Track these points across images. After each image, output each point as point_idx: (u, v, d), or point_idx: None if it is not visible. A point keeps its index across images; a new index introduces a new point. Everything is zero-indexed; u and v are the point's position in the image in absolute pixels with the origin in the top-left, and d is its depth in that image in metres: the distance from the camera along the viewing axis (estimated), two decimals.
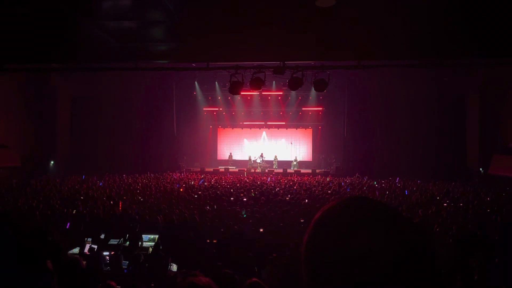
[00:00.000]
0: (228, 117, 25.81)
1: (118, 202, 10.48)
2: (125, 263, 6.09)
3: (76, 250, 6.69)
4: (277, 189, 13.68)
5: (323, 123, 25.21)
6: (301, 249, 0.79)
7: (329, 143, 24.34)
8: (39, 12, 6.82)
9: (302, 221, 8.46)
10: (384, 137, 21.01)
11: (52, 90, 20.68)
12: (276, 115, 25.42)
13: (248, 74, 10.68)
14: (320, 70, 10.62)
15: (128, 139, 22.30)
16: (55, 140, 21.21)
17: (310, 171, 22.46)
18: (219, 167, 23.81)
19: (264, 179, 18.01)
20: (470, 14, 6.43)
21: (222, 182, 16.43)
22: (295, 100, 24.57)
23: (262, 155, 23.77)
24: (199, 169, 23.09)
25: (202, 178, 17.98)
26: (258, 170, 22.75)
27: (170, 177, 18.54)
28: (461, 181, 16.56)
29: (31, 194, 11.93)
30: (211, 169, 23.46)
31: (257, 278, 3.05)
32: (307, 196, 12.08)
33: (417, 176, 18.14)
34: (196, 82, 23.88)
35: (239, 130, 26.22)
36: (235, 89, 10.71)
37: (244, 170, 22.75)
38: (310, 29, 7.50)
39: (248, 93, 22.89)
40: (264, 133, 26.23)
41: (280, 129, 25.96)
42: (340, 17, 6.79)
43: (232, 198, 11.65)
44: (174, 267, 5.86)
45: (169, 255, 6.01)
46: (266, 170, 22.72)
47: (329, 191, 13.07)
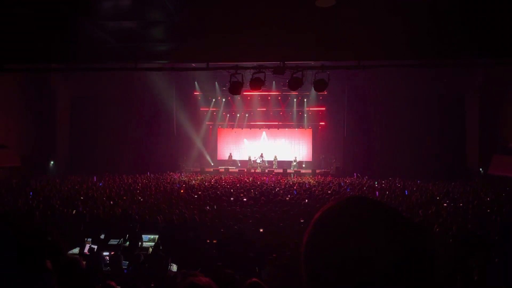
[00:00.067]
0: (228, 117, 25.80)
1: (118, 202, 10.48)
2: (125, 263, 6.09)
3: (76, 250, 6.69)
4: (277, 189, 13.67)
5: (323, 123, 25.21)
6: (301, 250, 0.79)
7: (329, 143, 24.34)
8: (39, 12, 6.82)
9: (302, 221, 8.47)
10: (384, 137, 21.01)
11: (52, 90, 20.68)
12: (276, 115, 25.41)
13: (248, 74, 10.68)
14: (320, 70, 10.62)
15: (128, 139, 22.31)
16: (55, 140, 21.21)
17: (310, 171, 22.47)
18: (219, 167, 23.81)
19: (264, 179, 18.01)
20: (470, 14, 6.43)
21: (222, 182, 16.43)
22: (295, 100, 24.57)
23: (262, 155, 23.77)
24: (199, 169, 23.10)
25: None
26: (258, 170, 22.74)
27: (170, 177, 18.53)
28: (461, 181, 16.56)
29: (31, 194, 11.92)
30: (211, 169, 23.48)
31: (257, 278, 3.05)
32: (307, 196, 12.08)
33: (417, 176, 18.14)
34: (196, 82, 23.88)
35: (239, 130, 26.21)
36: (235, 89, 10.70)
37: (244, 171, 22.74)
38: (310, 29, 7.49)
39: (248, 93, 22.90)
40: (264, 133, 26.22)
41: (280, 129, 25.95)
42: (340, 17, 6.78)
43: (232, 198, 11.66)
44: (174, 267, 5.86)
45: (169, 255, 6.01)
46: (266, 170, 22.72)
47: (329, 191, 13.07)
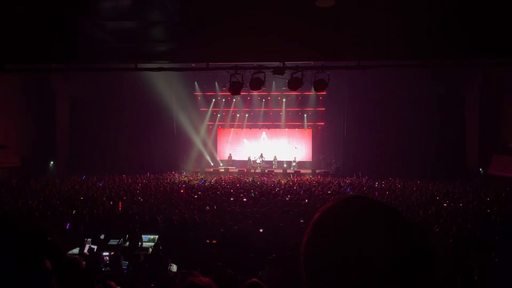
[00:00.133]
0: (228, 117, 25.80)
1: (118, 203, 10.47)
2: (125, 264, 6.09)
3: (76, 251, 6.69)
4: (277, 189, 13.67)
5: (323, 123, 25.20)
6: (301, 250, 0.79)
7: (329, 144, 24.35)
8: (39, 12, 6.82)
9: (302, 221, 8.47)
10: (384, 137, 21.01)
11: (52, 91, 20.67)
12: (276, 115, 25.41)
13: (248, 75, 10.68)
14: (320, 70, 10.62)
15: (128, 139, 22.32)
16: (55, 140, 21.20)
17: (310, 172, 22.47)
18: (219, 168, 23.82)
19: (263, 180, 18.02)
20: (470, 14, 6.43)
21: (222, 183, 16.44)
22: (295, 100, 24.57)
23: (262, 155, 23.76)
24: (199, 169, 23.11)
25: (203, 179, 17.99)
26: (258, 170, 22.74)
27: (170, 177, 18.54)
28: (461, 181, 16.57)
29: (31, 194, 11.92)
30: (211, 169, 23.48)
31: (257, 278, 3.04)
32: (307, 196, 12.08)
33: (417, 177, 18.15)
34: (196, 82, 23.89)
35: (239, 130, 26.21)
36: (235, 89, 10.70)
37: (244, 171, 22.73)
38: (310, 29, 7.49)
39: (248, 93, 22.90)
40: (264, 133, 26.22)
41: (280, 129, 25.95)
42: (340, 17, 6.78)
43: (232, 199, 11.65)
44: (174, 267, 5.86)
45: (169, 256, 6.01)
46: (266, 171, 22.72)
47: (329, 191, 13.07)
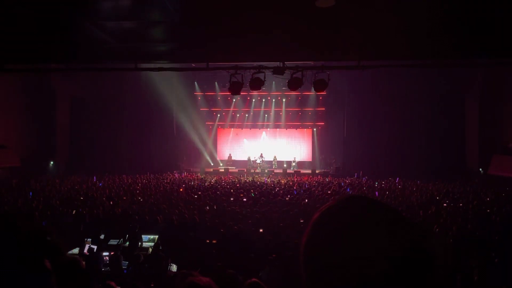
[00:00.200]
0: (228, 117, 25.79)
1: (118, 203, 10.47)
2: (125, 264, 6.09)
3: (76, 251, 6.69)
4: (277, 189, 13.67)
5: (323, 124, 25.19)
6: (300, 250, 0.79)
7: (329, 144, 24.34)
8: (39, 12, 6.82)
9: (302, 221, 8.46)
10: (384, 138, 21.01)
11: (52, 91, 20.66)
12: (276, 115, 25.40)
13: (248, 75, 10.67)
14: (320, 70, 10.62)
15: (128, 139, 22.31)
16: (55, 141, 21.19)
17: (310, 172, 22.47)
18: (219, 168, 23.81)
19: (263, 180, 18.03)
20: (470, 14, 6.43)
21: (222, 183, 16.43)
22: (295, 101, 24.56)
23: (262, 156, 23.76)
24: (199, 169, 23.10)
25: (203, 179, 17.99)
26: (258, 171, 22.73)
27: (170, 178, 18.53)
28: (461, 181, 16.56)
29: (31, 194, 11.91)
30: (211, 169, 23.47)
31: (257, 279, 3.04)
32: (307, 196, 12.07)
33: (417, 177, 18.14)
34: (196, 82, 23.88)
35: (239, 130, 26.20)
36: (235, 89, 10.70)
37: (244, 171, 22.72)
38: (310, 29, 7.49)
39: (248, 93, 22.89)
40: (264, 133, 26.21)
41: (280, 130, 25.94)
42: (340, 17, 6.78)
43: (232, 199, 11.65)
44: (174, 268, 5.85)
45: (169, 256, 6.00)
46: (266, 170, 22.71)
47: (329, 192, 13.07)
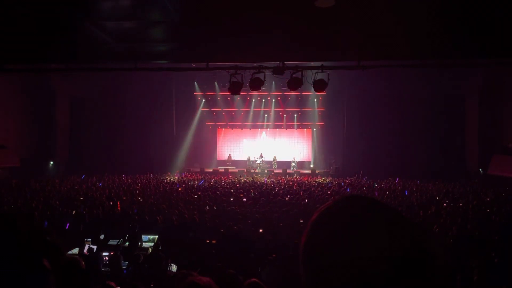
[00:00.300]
0: (228, 118, 25.79)
1: (117, 204, 10.45)
2: (125, 264, 6.08)
3: (76, 251, 6.68)
4: (277, 189, 13.66)
5: (323, 124, 25.19)
6: (300, 250, 0.78)
7: (329, 144, 24.32)
8: (39, 12, 6.82)
9: (302, 221, 8.46)
10: (384, 138, 21.00)
11: (52, 91, 20.66)
12: (276, 116, 25.40)
13: (248, 75, 10.67)
14: (320, 70, 10.62)
15: (128, 140, 22.30)
16: (55, 141, 21.19)
17: (310, 172, 22.46)
18: (219, 168, 23.81)
19: (263, 180, 18.03)
20: (470, 14, 6.43)
21: (222, 183, 16.43)
22: (295, 101, 24.55)
23: (262, 156, 23.75)
24: (199, 170, 23.10)
25: (202, 179, 17.99)
26: (258, 171, 22.72)
27: (170, 178, 18.54)
28: (461, 181, 16.56)
29: (31, 195, 11.91)
30: (211, 170, 23.47)
31: (257, 279, 3.04)
32: (307, 196, 12.07)
33: (417, 177, 18.14)
34: (196, 82, 23.87)
35: (239, 131, 26.20)
36: (235, 90, 10.70)
37: (244, 171, 22.71)
38: (310, 29, 7.50)
39: (248, 93, 22.88)
40: (264, 134, 26.21)
41: (280, 130, 25.94)
42: (340, 17, 6.79)
43: (232, 199, 11.65)
44: (174, 268, 5.85)
45: (169, 256, 6.00)
46: (266, 171, 22.71)
47: (329, 192, 13.07)
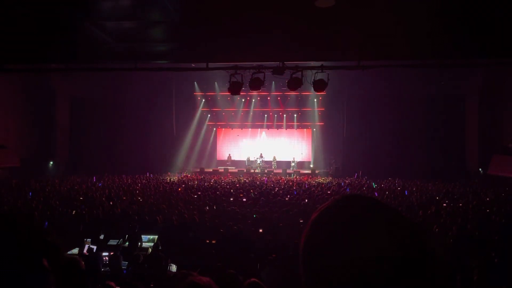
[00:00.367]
0: (228, 118, 25.77)
1: (117, 203, 10.46)
2: (125, 264, 6.08)
3: (76, 251, 6.68)
4: (276, 189, 13.66)
5: (323, 124, 25.17)
6: (299, 250, 0.78)
7: (329, 144, 24.31)
8: (39, 12, 6.82)
9: (302, 221, 8.45)
10: (384, 138, 21.00)
11: (52, 91, 20.66)
12: (276, 116, 25.39)
13: (248, 75, 10.67)
14: (320, 70, 10.61)
15: (128, 140, 22.30)
16: (55, 141, 21.19)
17: (310, 172, 22.45)
18: (219, 168, 23.80)
19: (263, 180, 18.02)
20: (470, 14, 6.43)
21: (222, 183, 16.42)
22: (295, 101, 24.54)
23: (262, 156, 23.74)
24: (199, 170, 23.11)
25: (202, 179, 17.98)
26: (258, 171, 22.72)
27: (170, 178, 18.53)
28: (461, 182, 16.56)
29: (31, 195, 11.90)
30: (211, 170, 23.46)
31: (257, 279, 3.04)
32: (307, 196, 12.07)
33: (417, 177, 18.14)
34: (196, 83, 23.86)
35: (239, 131, 26.19)
36: (235, 90, 10.69)
37: (244, 171, 22.69)
38: (310, 29, 7.49)
39: (247, 93, 22.87)
40: (264, 134, 26.20)
41: (280, 130, 25.93)
42: (340, 17, 6.79)
43: (232, 199, 11.64)
44: (174, 268, 5.85)
45: (169, 256, 6.00)
46: (266, 171, 22.70)
47: (329, 192, 13.07)
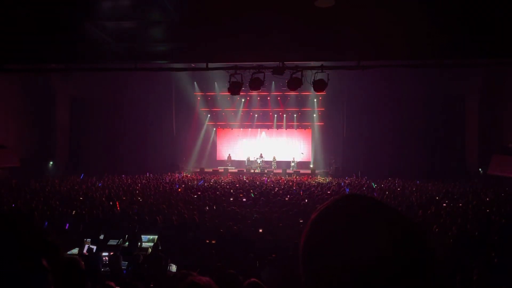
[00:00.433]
0: (228, 118, 25.76)
1: (117, 203, 10.45)
2: (124, 264, 6.08)
3: (75, 251, 6.68)
4: (276, 190, 13.66)
5: (323, 124, 25.17)
6: (299, 250, 0.78)
7: (329, 144, 24.31)
8: (39, 12, 6.82)
9: (301, 221, 8.46)
10: (384, 138, 21.00)
11: (52, 91, 20.66)
12: (276, 115, 25.38)
13: (248, 75, 10.67)
14: (320, 70, 10.61)
15: (128, 140, 22.31)
16: (55, 141, 21.18)
17: (309, 172, 22.45)
18: (219, 168, 23.80)
19: (263, 180, 18.02)
20: (470, 14, 6.43)
21: (222, 183, 16.42)
22: (295, 101, 24.53)
23: (262, 156, 23.74)
24: (198, 170, 23.10)
25: (202, 179, 17.99)
26: (258, 171, 22.72)
27: (169, 178, 18.53)
28: (461, 181, 16.56)
29: (31, 195, 11.90)
30: (211, 170, 23.46)
31: (257, 279, 3.04)
32: (307, 196, 12.07)
33: (417, 177, 18.14)
34: (196, 83, 23.86)
35: (238, 131, 26.18)
36: (235, 90, 10.69)
37: (243, 171, 22.69)
38: (310, 29, 7.49)
39: (247, 94, 22.87)
40: (264, 134, 26.20)
41: (279, 130, 25.93)
42: (340, 17, 6.78)
43: (232, 199, 11.65)
44: (174, 268, 5.85)
45: (168, 256, 6.00)
46: (266, 171, 22.70)
47: (328, 192, 13.07)
